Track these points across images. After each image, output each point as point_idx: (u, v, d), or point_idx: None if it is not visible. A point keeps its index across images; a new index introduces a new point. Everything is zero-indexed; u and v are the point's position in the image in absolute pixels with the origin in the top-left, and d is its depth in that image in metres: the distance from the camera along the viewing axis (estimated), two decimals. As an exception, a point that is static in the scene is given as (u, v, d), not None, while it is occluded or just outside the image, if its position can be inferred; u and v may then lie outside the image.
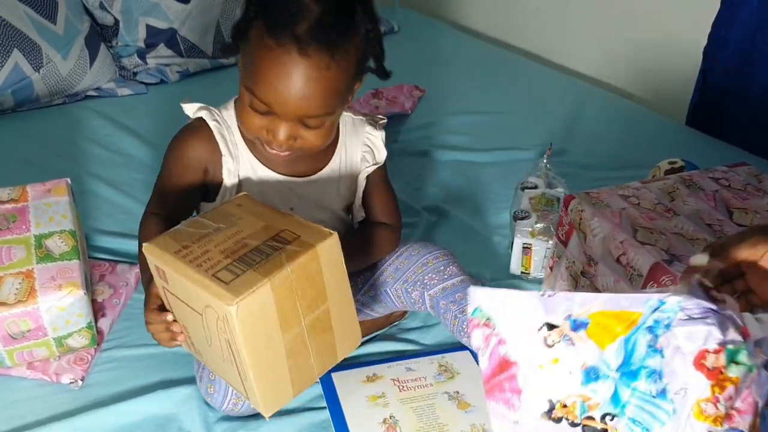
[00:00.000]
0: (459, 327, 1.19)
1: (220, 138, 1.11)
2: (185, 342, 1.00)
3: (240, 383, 0.95)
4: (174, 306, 0.97)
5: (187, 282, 0.89)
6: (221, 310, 0.86)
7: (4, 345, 1.09)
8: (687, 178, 1.36)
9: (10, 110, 1.98)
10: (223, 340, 0.90)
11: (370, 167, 1.21)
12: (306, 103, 0.98)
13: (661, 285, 1.09)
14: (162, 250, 0.93)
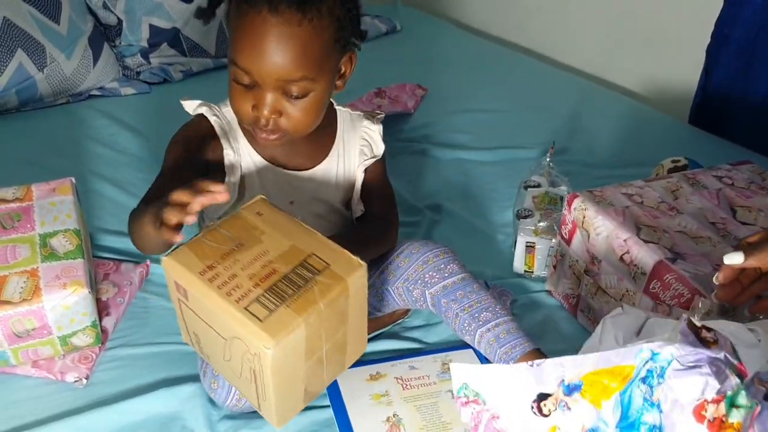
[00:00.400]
0: (461, 325, 1.19)
1: (221, 132, 1.14)
2: (188, 337, 1.00)
3: (255, 398, 0.96)
4: (189, 319, 0.97)
5: (216, 309, 0.89)
6: (254, 347, 0.86)
7: (9, 343, 1.10)
8: (690, 176, 1.36)
9: (15, 110, 1.98)
10: (246, 367, 0.91)
11: (367, 160, 1.23)
12: (281, 62, 1.00)
13: (664, 283, 1.09)
14: (185, 269, 0.91)
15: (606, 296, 1.22)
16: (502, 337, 1.15)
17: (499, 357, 1.15)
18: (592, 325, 1.28)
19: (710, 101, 2.07)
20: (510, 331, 1.16)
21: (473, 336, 1.18)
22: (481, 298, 1.19)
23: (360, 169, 1.24)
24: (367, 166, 1.24)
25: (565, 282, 1.33)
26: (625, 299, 1.18)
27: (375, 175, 1.27)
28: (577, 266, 1.29)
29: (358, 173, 1.24)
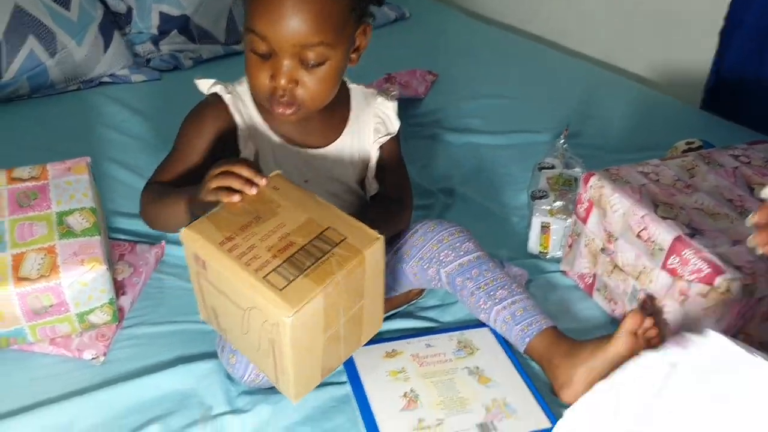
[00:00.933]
0: (476, 303, 1.19)
1: (236, 111, 1.14)
2: (206, 313, 1.00)
3: (273, 372, 0.96)
4: (207, 293, 0.97)
5: (235, 280, 0.89)
6: (273, 316, 0.87)
7: (26, 320, 1.10)
8: (706, 155, 1.36)
9: (26, 96, 1.99)
10: (264, 338, 0.91)
11: (382, 137, 1.23)
12: (300, 26, 1.00)
13: (683, 259, 1.09)
14: (205, 240, 0.92)
15: (623, 274, 1.22)
16: (518, 314, 1.15)
17: (516, 334, 1.15)
18: (608, 303, 1.28)
19: (723, 85, 2.06)
20: (526, 309, 1.16)
21: (489, 314, 1.17)
22: (497, 276, 1.19)
23: (375, 147, 1.23)
24: (381, 144, 1.24)
25: (581, 261, 1.32)
26: (643, 276, 1.17)
27: (389, 152, 1.26)
28: (593, 245, 1.29)
29: (373, 151, 1.24)
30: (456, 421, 1.03)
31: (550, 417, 1.03)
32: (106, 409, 1.05)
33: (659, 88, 2.28)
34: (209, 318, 1.03)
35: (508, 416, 1.03)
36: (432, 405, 1.06)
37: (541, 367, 1.13)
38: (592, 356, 1.06)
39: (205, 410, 1.06)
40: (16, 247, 1.11)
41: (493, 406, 1.05)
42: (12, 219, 1.16)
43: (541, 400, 1.06)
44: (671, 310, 1.12)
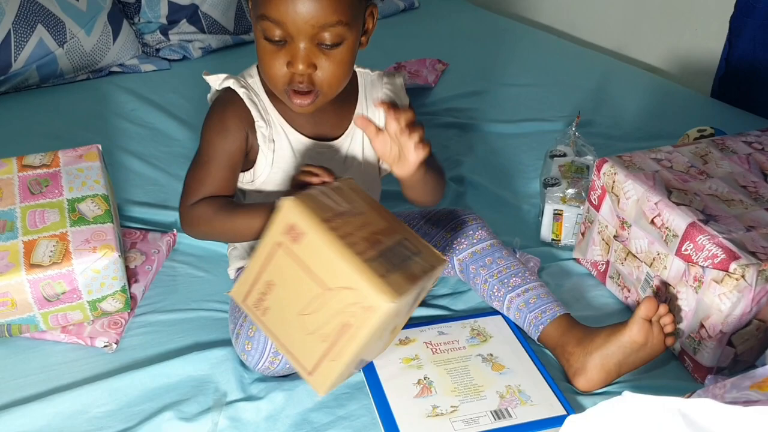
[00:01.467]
0: (489, 291, 1.18)
1: (251, 104, 1.11)
2: (246, 288, 0.98)
3: (313, 359, 0.95)
4: (276, 266, 0.94)
5: (335, 257, 0.89)
6: (369, 299, 0.88)
7: (38, 307, 1.10)
8: (719, 141, 1.35)
9: (36, 86, 1.99)
10: (337, 322, 0.91)
11: None
12: (317, 6, 0.97)
13: (697, 245, 1.08)
14: (311, 212, 0.91)
15: (636, 261, 1.21)
16: (532, 302, 1.15)
17: (529, 322, 1.14)
18: (622, 291, 1.27)
19: (734, 73, 2.04)
20: (540, 296, 1.15)
21: (502, 302, 1.17)
22: (510, 264, 1.19)
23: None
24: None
25: (594, 249, 1.32)
26: (656, 263, 1.16)
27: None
28: (606, 232, 1.28)
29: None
30: (470, 408, 1.02)
31: (564, 404, 1.03)
32: (119, 397, 1.05)
33: (670, 77, 2.27)
34: (246, 294, 0.99)
35: (522, 403, 1.03)
36: (446, 392, 1.05)
37: (555, 355, 1.12)
38: (606, 343, 1.05)
39: (219, 397, 1.05)
40: (28, 234, 1.11)
41: (507, 393, 1.05)
42: (24, 206, 1.16)
43: (555, 388, 1.06)
44: (685, 296, 1.11)
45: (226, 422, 1.02)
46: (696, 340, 1.11)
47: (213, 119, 1.12)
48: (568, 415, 0.98)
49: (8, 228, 1.12)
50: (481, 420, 1.01)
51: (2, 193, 1.18)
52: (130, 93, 1.98)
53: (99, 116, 1.86)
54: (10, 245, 1.10)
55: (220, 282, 1.29)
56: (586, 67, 2.27)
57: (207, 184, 1.10)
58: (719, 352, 1.09)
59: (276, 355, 1.05)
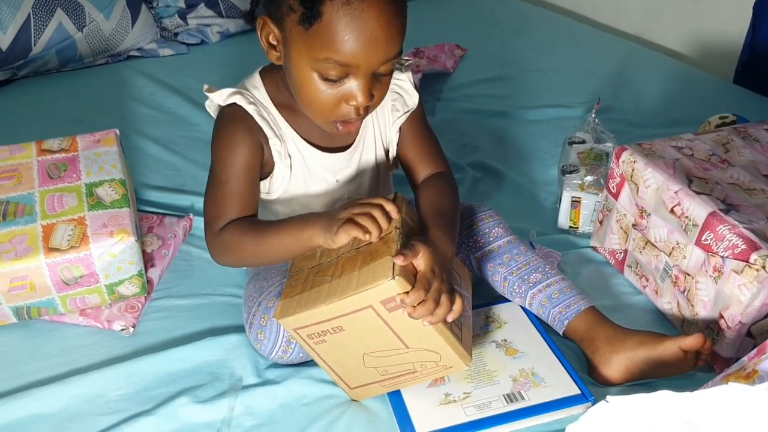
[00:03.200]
0: (510, 289, 1.17)
1: (262, 120, 1.06)
2: (300, 324, 0.95)
3: (357, 381, 1.01)
4: (361, 322, 0.92)
5: (427, 330, 0.92)
6: (450, 362, 0.96)
7: (57, 291, 1.11)
8: (741, 129, 1.33)
9: (55, 70, 2.00)
10: (405, 367, 0.98)
11: (401, 117, 1.16)
12: (391, 44, 0.95)
13: (718, 235, 1.07)
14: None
15: (655, 250, 1.20)
16: (555, 297, 1.13)
17: (553, 317, 1.13)
18: (640, 280, 1.26)
19: (757, 59, 2.01)
20: (563, 291, 1.14)
21: (524, 298, 1.16)
22: (529, 260, 1.17)
23: (394, 128, 1.17)
24: (402, 123, 1.17)
25: (612, 237, 1.31)
26: (675, 252, 1.15)
27: (415, 127, 1.18)
28: (624, 220, 1.27)
29: (393, 132, 1.17)
30: (482, 393, 1.02)
31: (579, 384, 1.02)
32: (135, 380, 1.06)
33: (691, 62, 2.24)
34: (303, 326, 0.95)
35: (536, 385, 1.03)
36: (459, 380, 1.05)
37: (581, 347, 1.11)
38: (637, 349, 1.05)
39: (235, 382, 1.06)
40: (47, 218, 1.12)
41: (521, 377, 1.04)
42: (42, 190, 1.16)
43: (570, 369, 1.05)
44: (704, 286, 1.10)
45: (241, 408, 1.02)
46: (715, 331, 1.09)
47: (224, 136, 1.07)
48: (583, 395, 0.99)
49: (27, 212, 1.13)
50: (494, 404, 1.00)
51: (21, 177, 1.18)
52: (148, 77, 1.98)
53: (117, 100, 1.87)
54: (29, 229, 1.11)
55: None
56: (607, 53, 2.25)
57: (230, 205, 1.06)
58: (738, 343, 1.07)
59: (289, 344, 1.05)
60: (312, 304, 0.93)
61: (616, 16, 2.55)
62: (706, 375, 1.08)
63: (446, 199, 1.12)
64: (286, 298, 0.97)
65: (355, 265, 0.93)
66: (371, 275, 0.89)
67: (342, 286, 0.91)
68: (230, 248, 1.06)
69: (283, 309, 0.96)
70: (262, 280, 1.13)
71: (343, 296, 0.90)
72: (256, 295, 1.10)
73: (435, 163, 1.19)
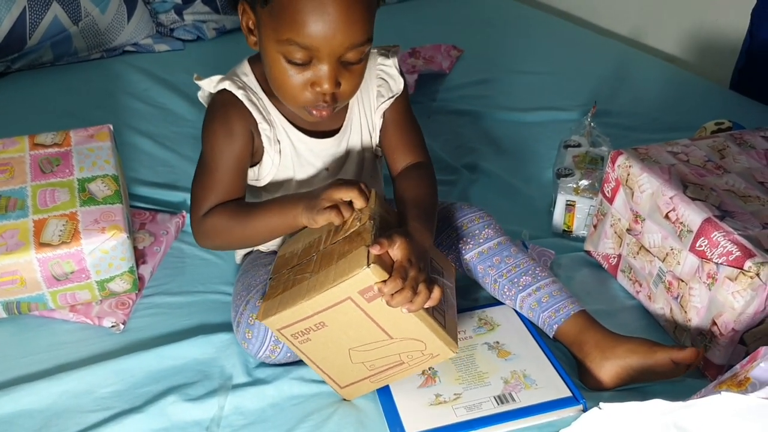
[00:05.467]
0: (500, 291, 1.16)
1: (251, 105, 1.07)
2: (282, 324, 0.95)
3: (346, 379, 1.01)
4: (342, 315, 0.93)
5: (407, 317, 0.92)
6: (436, 350, 0.96)
7: (47, 286, 1.10)
8: (737, 136, 1.33)
9: (50, 64, 1.99)
10: (392, 359, 0.98)
11: (385, 102, 1.16)
12: (351, 29, 0.95)
13: (712, 241, 1.06)
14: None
15: (649, 255, 1.20)
16: (545, 301, 1.12)
17: (543, 321, 1.12)
18: (633, 285, 1.26)
19: (754, 65, 2.01)
20: (552, 294, 1.13)
21: (514, 301, 1.15)
22: (519, 262, 1.16)
23: (378, 113, 1.17)
24: (386, 109, 1.16)
25: (606, 241, 1.30)
26: (669, 258, 1.15)
27: (401, 112, 1.18)
28: (619, 225, 1.26)
29: (377, 118, 1.17)
30: (473, 395, 1.02)
31: (570, 386, 1.02)
32: (125, 377, 1.05)
33: (688, 66, 2.24)
34: (286, 325, 0.95)
35: (527, 387, 1.02)
36: (450, 381, 1.04)
37: (571, 351, 1.11)
38: (628, 356, 1.04)
39: (225, 380, 1.05)
40: (38, 213, 1.11)
41: (512, 378, 1.04)
42: (34, 185, 1.16)
43: (561, 371, 1.05)
44: (698, 293, 1.10)
45: (231, 407, 1.02)
46: (707, 338, 1.09)
47: (215, 123, 1.08)
48: (574, 398, 0.99)
49: (19, 206, 1.12)
50: (484, 405, 1.00)
51: (14, 171, 1.18)
52: (143, 73, 1.97)
53: (111, 95, 1.86)
54: (21, 223, 1.10)
55: (228, 265, 1.29)
56: (603, 56, 2.25)
57: (217, 191, 1.07)
58: (731, 351, 1.07)
59: (277, 344, 1.05)
60: (293, 302, 0.93)
61: (613, 18, 2.55)
62: (697, 381, 1.08)
63: (424, 190, 1.12)
64: (269, 299, 0.98)
65: (332, 260, 0.94)
66: (347, 267, 0.90)
67: (320, 281, 0.92)
68: (216, 232, 1.07)
69: (266, 310, 0.96)
70: (250, 278, 1.12)
71: (322, 290, 0.90)
72: (244, 294, 1.09)
73: (415, 152, 1.19)
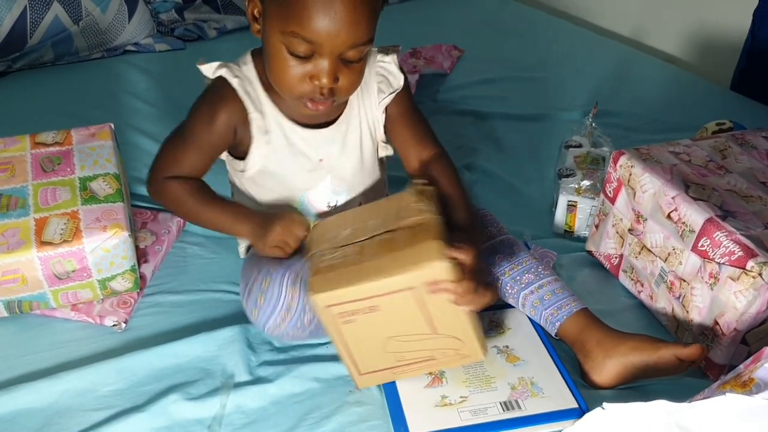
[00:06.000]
0: (503, 289, 1.16)
1: (244, 94, 1.08)
2: (333, 301, 0.94)
3: (370, 366, 1.01)
4: (398, 303, 0.93)
5: (461, 316, 0.96)
6: (470, 351, 1.01)
7: (49, 285, 1.10)
8: (739, 136, 1.33)
9: (51, 63, 1.99)
10: (425, 354, 1.00)
11: (386, 98, 1.16)
12: (355, 29, 0.96)
13: (714, 241, 1.06)
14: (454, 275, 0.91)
15: (651, 255, 1.20)
16: (547, 298, 1.12)
17: (545, 319, 1.12)
18: (635, 285, 1.26)
19: (755, 66, 2.01)
20: (555, 292, 1.13)
21: (516, 299, 1.15)
22: (522, 260, 1.16)
23: (380, 109, 1.16)
24: (388, 105, 1.16)
25: (608, 241, 1.30)
26: (671, 258, 1.15)
27: (404, 110, 1.18)
28: (620, 225, 1.26)
29: (378, 113, 1.17)
30: (479, 398, 1.01)
31: (578, 398, 1.01)
32: (126, 376, 1.05)
33: (689, 67, 2.24)
34: (336, 303, 0.93)
35: (534, 395, 1.02)
36: (457, 383, 1.04)
37: (573, 350, 1.11)
38: (631, 353, 1.04)
39: (226, 379, 1.05)
40: (40, 212, 1.11)
41: (519, 385, 1.04)
42: (36, 183, 1.16)
43: (569, 381, 1.04)
44: (700, 293, 1.10)
45: (233, 405, 1.01)
46: (709, 338, 1.09)
47: (203, 108, 1.10)
48: (581, 410, 0.98)
49: (20, 205, 1.12)
50: (490, 410, 1.00)
51: (15, 170, 1.18)
52: (143, 72, 1.98)
53: (112, 95, 1.86)
54: (22, 222, 1.10)
55: (230, 264, 1.28)
56: (604, 56, 2.25)
57: (183, 165, 1.11)
58: (732, 350, 1.07)
59: (288, 311, 1.03)
60: (354, 280, 0.91)
61: (614, 19, 2.55)
62: (698, 381, 1.08)
63: (460, 188, 1.14)
64: (318, 274, 0.94)
65: (395, 247, 0.93)
66: (417, 256, 0.90)
67: (386, 264, 0.91)
68: (171, 200, 1.12)
69: (319, 284, 0.93)
70: (258, 260, 1.12)
71: (390, 275, 0.90)
72: (256, 266, 1.09)
73: (427, 145, 1.19)
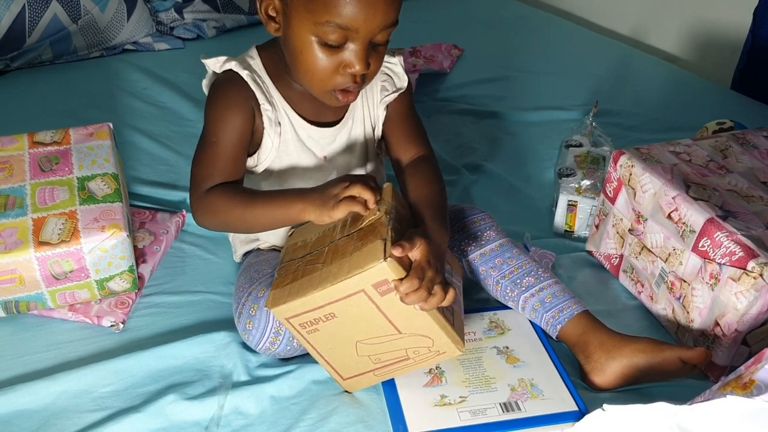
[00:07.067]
0: (502, 293, 1.16)
1: (255, 86, 1.08)
2: (292, 313, 0.95)
3: (349, 371, 1.00)
4: (354, 307, 0.92)
5: (419, 314, 0.92)
6: (443, 348, 0.96)
7: (46, 285, 1.09)
8: (740, 136, 1.33)
9: (49, 62, 1.98)
10: (398, 354, 0.97)
11: (389, 96, 1.16)
12: (389, 8, 0.96)
13: (715, 241, 1.06)
14: (402, 274, 0.89)
15: (651, 255, 1.19)
16: (548, 301, 1.12)
17: (546, 321, 1.12)
18: (635, 285, 1.25)
19: (756, 65, 2.01)
20: (555, 295, 1.12)
21: (517, 302, 1.14)
22: (522, 263, 1.16)
23: (381, 106, 1.17)
24: (389, 102, 1.17)
25: (608, 242, 1.30)
26: (672, 258, 1.14)
27: (403, 110, 1.19)
28: (621, 225, 1.26)
29: (380, 110, 1.18)
30: (479, 399, 1.00)
31: (577, 400, 1.00)
32: (124, 377, 1.05)
33: (689, 66, 2.24)
34: (295, 315, 0.94)
35: (533, 397, 1.01)
36: (457, 382, 1.04)
37: (573, 352, 1.10)
38: (635, 355, 1.04)
39: (224, 379, 1.05)
40: (37, 212, 1.11)
41: (519, 386, 1.03)
42: (33, 183, 1.15)
43: (569, 383, 1.03)
44: (701, 293, 1.09)
45: (230, 406, 1.01)
46: (710, 339, 1.09)
47: (217, 97, 1.08)
48: (580, 412, 0.98)
49: (18, 205, 1.11)
50: (489, 411, 0.99)
51: (13, 169, 1.17)
52: (142, 71, 1.97)
53: (111, 94, 1.85)
54: (20, 222, 1.09)
55: (228, 265, 1.28)
56: (605, 55, 2.24)
57: (218, 167, 1.06)
58: (733, 351, 1.07)
59: (277, 335, 1.04)
60: (304, 291, 0.92)
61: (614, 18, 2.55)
62: (698, 382, 1.08)
63: (435, 187, 1.12)
64: (278, 287, 0.97)
65: (345, 252, 0.93)
66: (362, 259, 0.89)
67: (333, 272, 0.91)
68: (217, 210, 1.06)
69: (275, 298, 0.95)
70: (253, 272, 1.12)
71: (335, 281, 0.90)
72: (246, 286, 1.08)
73: (418, 145, 1.19)
